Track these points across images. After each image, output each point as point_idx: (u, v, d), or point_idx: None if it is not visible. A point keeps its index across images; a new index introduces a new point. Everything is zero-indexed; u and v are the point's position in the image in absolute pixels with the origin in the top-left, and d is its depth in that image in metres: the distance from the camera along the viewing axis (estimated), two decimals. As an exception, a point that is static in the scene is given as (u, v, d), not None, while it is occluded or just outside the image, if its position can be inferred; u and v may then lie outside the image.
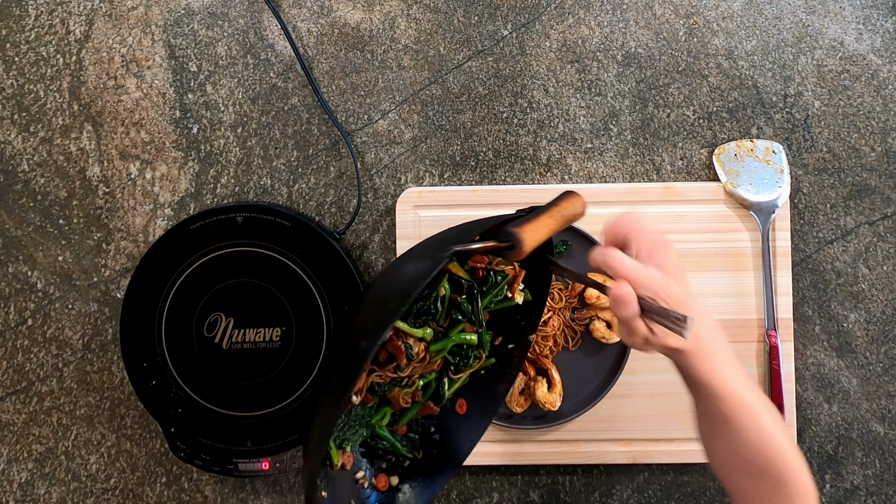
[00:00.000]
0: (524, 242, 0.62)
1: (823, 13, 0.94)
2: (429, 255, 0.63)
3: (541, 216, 0.64)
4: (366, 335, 0.58)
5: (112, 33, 0.95)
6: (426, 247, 0.69)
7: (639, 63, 0.94)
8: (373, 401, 0.70)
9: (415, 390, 0.72)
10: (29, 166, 0.95)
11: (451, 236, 0.66)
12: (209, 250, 0.88)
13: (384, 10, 0.95)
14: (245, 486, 0.94)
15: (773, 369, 0.89)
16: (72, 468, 0.94)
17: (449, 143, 0.94)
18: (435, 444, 0.75)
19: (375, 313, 0.60)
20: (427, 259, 0.62)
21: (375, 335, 0.57)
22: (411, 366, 0.70)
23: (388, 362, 0.68)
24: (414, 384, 0.71)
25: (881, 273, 0.93)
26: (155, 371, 0.88)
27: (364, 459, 0.72)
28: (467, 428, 0.76)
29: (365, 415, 0.70)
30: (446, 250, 0.60)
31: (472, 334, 0.73)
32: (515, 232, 0.62)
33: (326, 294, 0.87)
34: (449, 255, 0.60)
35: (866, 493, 0.92)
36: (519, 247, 0.62)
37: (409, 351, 0.68)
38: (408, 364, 0.69)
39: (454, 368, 0.75)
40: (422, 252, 0.67)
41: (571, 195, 0.68)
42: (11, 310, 0.94)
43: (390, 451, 0.73)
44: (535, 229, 0.63)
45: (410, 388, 0.71)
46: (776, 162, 0.91)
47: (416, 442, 0.75)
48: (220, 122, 0.94)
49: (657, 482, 0.93)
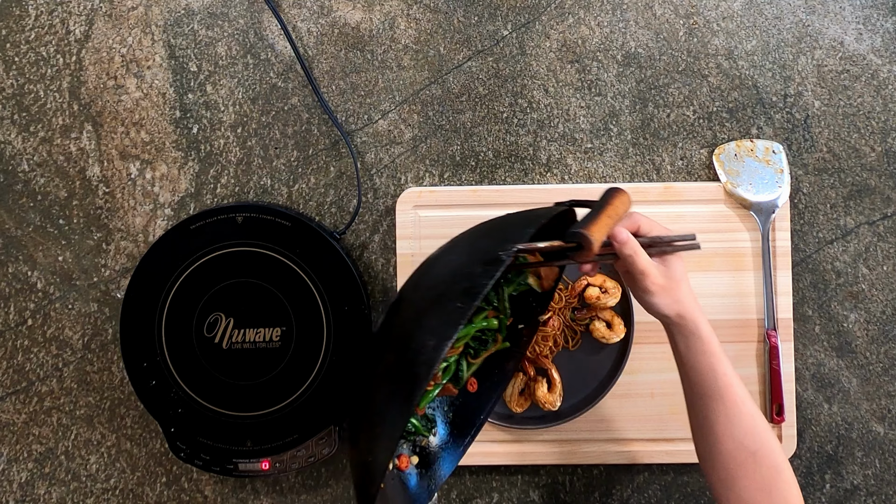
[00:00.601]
0: (594, 244, 0.63)
1: (823, 13, 0.94)
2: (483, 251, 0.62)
3: (601, 216, 0.65)
4: (433, 334, 0.58)
5: (112, 33, 0.95)
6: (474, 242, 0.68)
7: (639, 63, 0.94)
8: None
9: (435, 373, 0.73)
10: (29, 166, 0.95)
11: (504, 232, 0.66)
12: (209, 250, 0.88)
13: (384, 10, 0.95)
14: (245, 486, 0.94)
15: (773, 369, 0.89)
16: (72, 468, 0.94)
17: (449, 143, 0.94)
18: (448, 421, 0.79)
19: (440, 313, 0.60)
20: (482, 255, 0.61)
21: (445, 334, 0.57)
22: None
23: None
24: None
25: (881, 273, 0.93)
26: (155, 371, 0.88)
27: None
28: (478, 404, 0.80)
29: None
30: (506, 248, 0.60)
31: (493, 320, 0.75)
32: (585, 234, 0.62)
33: (326, 294, 0.87)
34: (512, 253, 0.60)
35: (866, 493, 0.92)
36: (589, 247, 0.63)
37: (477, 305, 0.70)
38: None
39: (473, 352, 0.77)
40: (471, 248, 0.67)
41: (621, 192, 0.69)
42: (11, 310, 0.94)
43: (411, 432, 0.75)
44: (600, 230, 0.64)
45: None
46: (776, 162, 0.91)
47: (434, 421, 0.78)
48: (220, 122, 0.94)
49: (657, 482, 0.93)
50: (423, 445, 0.76)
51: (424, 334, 0.59)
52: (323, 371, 0.87)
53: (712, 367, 0.67)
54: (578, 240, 0.63)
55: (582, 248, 0.63)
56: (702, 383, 0.68)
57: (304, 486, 0.93)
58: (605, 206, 0.67)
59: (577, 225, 0.64)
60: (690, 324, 0.68)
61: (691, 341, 0.68)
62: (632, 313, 0.88)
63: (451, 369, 0.76)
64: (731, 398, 0.66)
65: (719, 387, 0.67)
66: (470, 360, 0.78)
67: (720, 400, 0.67)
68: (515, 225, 0.66)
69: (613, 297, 0.87)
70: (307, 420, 0.88)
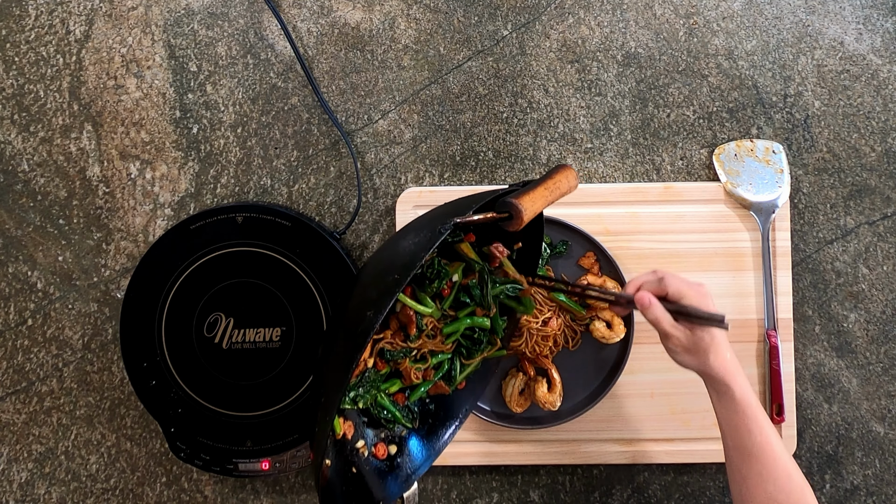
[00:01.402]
0: (523, 212, 0.63)
1: (823, 13, 0.94)
2: (427, 228, 0.65)
3: (537, 188, 0.66)
4: (371, 305, 0.61)
5: (112, 33, 0.95)
6: (422, 223, 0.71)
7: (639, 63, 0.94)
8: (385, 368, 0.73)
9: (427, 367, 0.74)
10: (29, 166, 0.95)
11: (449, 210, 0.68)
12: (209, 250, 0.88)
13: (384, 10, 0.95)
14: (245, 486, 0.94)
15: (773, 369, 0.89)
16: (72, 468, 0.94)
17: (449, 143, 0.94)
18: (430, 413, 0.79)
19: (379, 285, 0.63)
20: (426, 231, 0.64)
21: (381, 305, 0.59)
22: (421, 338, 0.73)
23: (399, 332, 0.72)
24: (426, 360, 0.74)
25: (881, 273, 0.93)
26: (155, 371, 0.88)
27: (367, 429, 0.75)
28: (462, 399, 0.81)
29: (376, 380, 0.72)
30: (446, 222, 0.62)
31: (484, 319, 0.76)
32: (514, 202, 0.64)
33: (326, 294, 0.87)
34: (449, 227, 0.62)
35: (866, 493, 0.92)
36: (518, 216, 0.64)
37: (420, 321, 0.71)
38: (418, 335, 0.72)
39: (466, 353, 0.78)
40: (418, 228, 0.69)
41: (565, 168, 0.70)
42: (11, 310, 0.94)
43: (390, 421, 0.75)
44: (532, 200, 0.65)
45: (423, 364, 0.74)
46: (776, 162, 0.91)
47: (416, 412, 0.78)
48: (220, 122, 0.94)
49: (657, 482, 0.93)
50: (403, 436, 0.77)
51: (366, 306, 0.61)
52: (323, 371, 0.88)
53: (747, 426, 0.68)
54: (508, 209, 0.64)
55: (512, 217, 0.64)
56: (736, 439, 0.69)
57: (304, 486, 0.93)
58: (544, 180, 0.68)
59: (511, 195, 0.65)
60: (721, 385, 0.69)
61: (724, 400, 0.70)
62: (632, 313, 0.88)
63: (444, 367, 0.77)
64: (766, 456, 0.67)
65: (753, 444, 0.68)
66: (464, 362, 0.78)
67: (755, 458, 0.68)
68: (462, 204, 0.68)
69: (613, 297, 0.87)
70: (307, 420, 0.88)
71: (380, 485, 0.72)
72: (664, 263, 0.90)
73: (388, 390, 0.74)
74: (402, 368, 0.73)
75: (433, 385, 0.76)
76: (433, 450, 0.78)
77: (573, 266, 0.89)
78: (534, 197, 0.65)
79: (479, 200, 0.66)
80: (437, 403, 0.80)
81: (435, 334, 0.74)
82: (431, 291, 0.72)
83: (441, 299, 0.74)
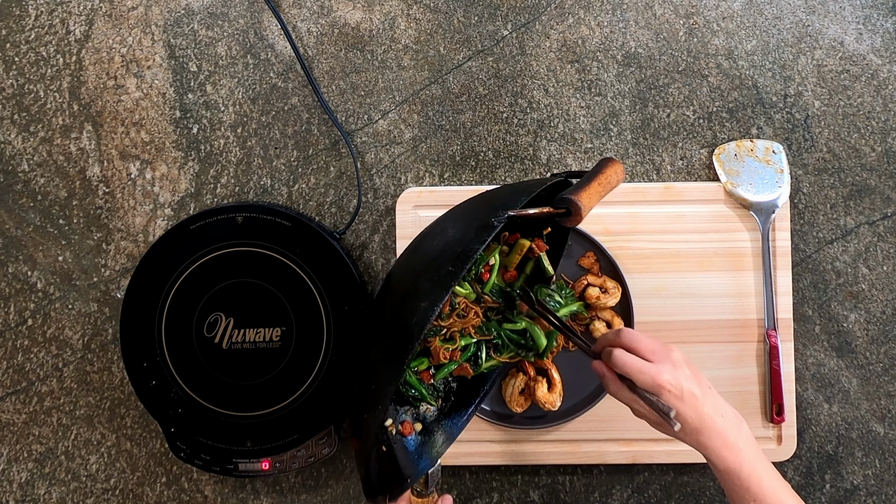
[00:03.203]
0: (583, 209, 0.63)
1: (823, 13, 0.94)
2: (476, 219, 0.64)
3: (591, 184, 0.65)
4: (425, 296, 0.60)
5: (112, 33, 0.95)
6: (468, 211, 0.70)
7: (639, 63, 0.94)
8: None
9: (455, 348, 0.76)
10: (29, 166, 0.95)
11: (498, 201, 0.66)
12: (209, 250, 0.88)
13: (384, 10, 0.95)
14: (245, 486, 0.94)
15: (773, 369, 0.89)
16: (72, 468, 0.94)
17: (449, 143, 0.94)
18: (452, 391, 0.81)
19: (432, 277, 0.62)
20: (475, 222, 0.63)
21: (436, 297, 0.59)
22: (452, 317, 0.74)
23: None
24: (454, 340, 0.76)
25: (881, 273, 0.92)
26: (155, 371, 0.88)
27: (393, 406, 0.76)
28: (483, 377, 0.83)
29: None
30: (498, 214, 0.61)
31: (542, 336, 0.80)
32: (574, 199, 0.63)
33: (326, 294, 0.87)
34: (504, 219, 0.61)
35: (866, 493, 0.92)
36: (577, 213, 0.63)
37: (454, 300, 0.72)
38: (449, 315, 0.73)
39: (496, 347, 0.80)
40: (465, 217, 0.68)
41: (613, 162, 0.69)
42: (11, 310, 0.94)
43: (417, 399, 0.77)
44: (589, 196, 0.64)
45: (451, 345, 0.75)
46: (776, 162, 0.91)
47: (441, 390, 0.80)
48: (220, 122, 0.94)
49: (657, 482, 0.93)
50: (427, 414, 0.78)
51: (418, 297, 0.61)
52: (323, 371, 0.87)
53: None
54: (567, 205, 0.63)
55: (570, 213, 0.63)
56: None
57: (304, 486, 0.93)
58: (597, 174, 0.67)
59: (568, 191, 0.64)
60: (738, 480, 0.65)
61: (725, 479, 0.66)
62: (632, 313, 0.88)
63: (471, 350, 0.78)
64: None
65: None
66: (492, 355, 0.80)
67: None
68: (509, 195, 0.67)
69: (613, 297, 0.87)
70: (307, 420, 0.88)
71: (408, 462, 0.73)
72: (664, 263, 0.90)
73: (417, 368, 0.76)
74: (431, 347, 0.74)
75: (458, 366, 0.78)
76: (456, 427, 0.79)
77: (573, 266, 0.89)
78: (590, 193, 0.64)
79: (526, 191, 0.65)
80: (459, 382, 0.82)
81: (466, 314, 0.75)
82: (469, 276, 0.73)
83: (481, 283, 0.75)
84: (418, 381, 0.77)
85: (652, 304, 0.90)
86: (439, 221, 0.72)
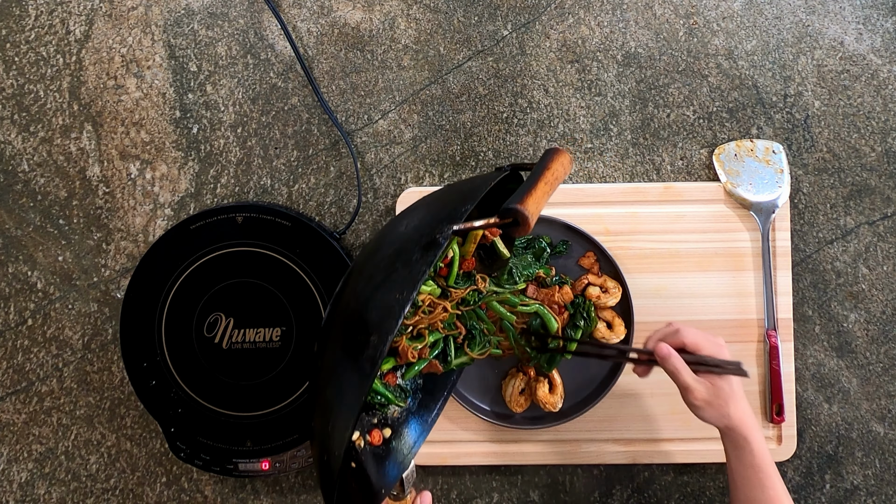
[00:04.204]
0: (530, 218, 0.61)
1: (823, 13, 0.94)
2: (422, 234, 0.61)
3: (537, 185, 0.63)
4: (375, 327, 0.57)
5: (112, 33, 0.95)
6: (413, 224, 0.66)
7: (639, 63, 0.94)
8: None
9: (423, 345, 0.73)
10: (29, 166, 0.95)
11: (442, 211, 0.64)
12: (209, 250, 0.88)
13: (384, 10, 0.95)
14: (245, 486, 0.94)
15: (773, 369, 0.89)
16: (72, 468, 0.94)
17: (449, 143, 0.94)
18: (419, 388, 0.79)
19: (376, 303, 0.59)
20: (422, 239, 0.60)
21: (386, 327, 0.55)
22: (417, 315, 0.72)
23: None
24: (423, 337, 0.73)
25: (881, 273, 0.92)
26: (155, 371, 0.88)
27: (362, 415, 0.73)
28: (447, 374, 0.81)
29: None
30: (443, 230, 0.59)
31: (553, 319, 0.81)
32: (520, 209, 0.61)
33: (326, 294, 0.87)
34: (448, 236, 0.59)
35: (866, 493, 0.92)
36: (525, 223, 0.61)
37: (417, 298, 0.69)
38: (414, 312, 0.71)
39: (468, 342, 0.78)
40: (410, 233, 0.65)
41: (558, 154, 0.66)
42: (11, 310, 0.94)
43: (384, 404, 0.74)
44: (535, 202, 0.62)
45: (420, 342, 0.73)
46: (776, 162, 0.91)
47: (408, 390, 0.77)
48: (220, 122, 0.94)
49: (657, 482, 0.93)
50: (395, 416, 0.75)
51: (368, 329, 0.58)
52: (323, 371, 0.87)
53: (761, 482, 0.69)
54: (514, 216, 0.61)
55: (518, 223, 0.61)
56: (748, 493, 0.70)
57: (304, 486, 0.93)
58: (542, 173, 0.64)
59: (512, 199, 0.62)
60: (740, 438, 0.70)
61: (741, 454, 0.71)
62: (632, 313, 0.88)
63: (440, 346, 0.76)
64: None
65: (766, 499, 0.69)
66: (465, 350, 0.78)
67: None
68: (454, 202, 0.64)
69: (613, 297, 0.87)
70: (307, 420, 0.87)
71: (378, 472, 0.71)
72: (664, 263, 0.90)
73: (382, 371, 0.73)
74: (399, 347, 0.72)
75: (427, 364, 0.75)
76: (426, 424, 0.77)
77: (573, 266, 0.89)
78: (536, 198, 0.63)
79: (471, 196, 0.62)
80: (426, 378, 0.79)
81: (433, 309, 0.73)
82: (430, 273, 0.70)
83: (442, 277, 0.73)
84: (384, 387, 0.74)
85: (652, 304, 0.90)
86: (385, 234, 0.69)
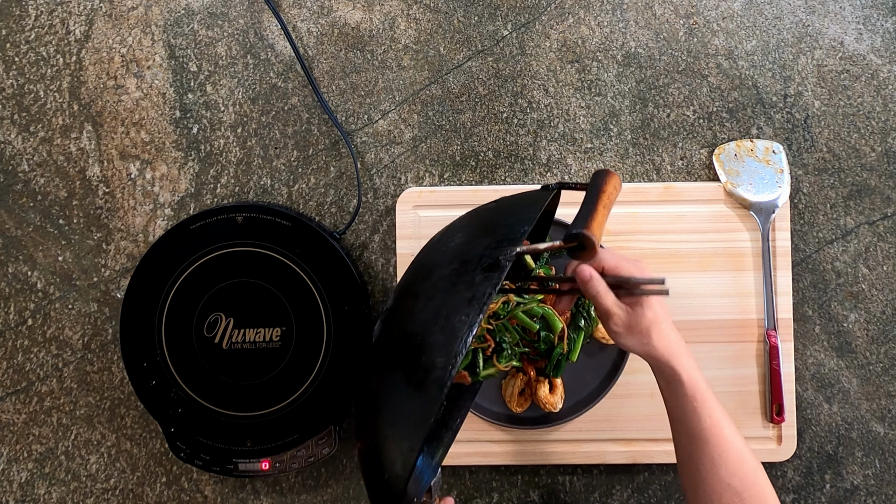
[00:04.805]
0: (596, 243, 0.61)
1: (823, 13, 0.94)
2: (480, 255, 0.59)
3: (598, 209, 0.63)
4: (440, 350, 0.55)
5: (112, 33, 0.95)
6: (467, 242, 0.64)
7: (639, 63, 0.94)
8: None
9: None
10: (29, 166, 0.95)
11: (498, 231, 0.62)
12: (209, 250, 0.88)
13: (384, 10, 0.95)
14: (245, 486, 0.94)
15: (773, 369, 0.89)
16: (72, 468, 0.94)
17: (449, 143, 0.94)
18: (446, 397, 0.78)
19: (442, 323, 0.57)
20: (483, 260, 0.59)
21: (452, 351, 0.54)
22: None
23: None
24: None
25: (881, 273, 0.92)
26: (155, 371, 0.88)
27: None
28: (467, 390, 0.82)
29: None
30: (505, 252, 0.58)
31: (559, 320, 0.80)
32: (587, 234, 0.60)
33: (326, 294, 0.87)
34: (511, 257, 0.58)
35: (866, 493, 0.92)
36: (591, 248, 0.61)
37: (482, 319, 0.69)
38: None
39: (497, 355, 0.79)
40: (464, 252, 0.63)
41: (610, 176, 0.66)
42: (11, 310, 0.94)
43: None
44: (599, 225, 0.62)
45: None
46: (776, 162, 0.91)
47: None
48: (220, 122, 0.94)
49: (657, 482, 0.93)
50: None
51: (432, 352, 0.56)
52: (323, 371, 0.87)
53: (695, 410, 0.65)
54: (580, 240, 0.61)
55: (584, 248, 0.61)
56: (686, 425, 0.66)
57: (304, 486, 0.93)
58: (599, 196, 0.63)
59: (576, 223, 0.62)
60: (667, 368, 0.66)
61: (672, 384, 0.67)
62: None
63: (468, 358, 0.77)
64: (717, 440, 0.65)
65: (703, 429, 0.65)
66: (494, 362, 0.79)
67: (705, 442, 0.65)
68: (508, 222, 0.63)
69: (613, 297, 0.87)
70: (307, 420, 0.88)
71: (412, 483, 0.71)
72: (664, 263, 0.90)
73: None
74: None
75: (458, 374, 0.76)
76: (452, 430, 0.77)
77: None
78: (599, 221, 0.62)
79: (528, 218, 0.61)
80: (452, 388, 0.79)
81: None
82: None
83: None
84: None
85: (652, 304, 0.90)
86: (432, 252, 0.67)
